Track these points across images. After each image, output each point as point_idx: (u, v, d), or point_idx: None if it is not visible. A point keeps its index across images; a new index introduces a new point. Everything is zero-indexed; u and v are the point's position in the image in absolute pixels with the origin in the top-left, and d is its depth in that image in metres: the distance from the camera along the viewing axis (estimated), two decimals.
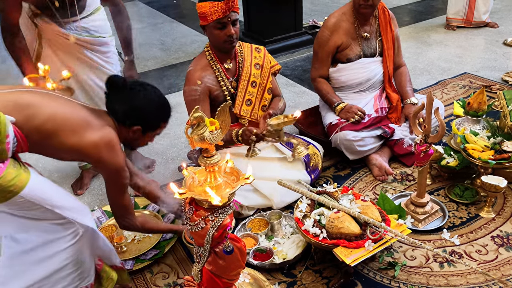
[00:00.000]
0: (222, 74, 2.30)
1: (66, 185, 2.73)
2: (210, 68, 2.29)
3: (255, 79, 2.38)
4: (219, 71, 2.29)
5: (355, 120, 2.55)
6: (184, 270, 2.05)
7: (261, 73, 2.41)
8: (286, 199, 2.31)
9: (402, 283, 1.89)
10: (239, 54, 2.36)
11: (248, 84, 2.36)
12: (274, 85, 2.51)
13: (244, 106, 2.37)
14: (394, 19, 2.73)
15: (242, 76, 2.34)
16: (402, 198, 2.33)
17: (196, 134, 1.34)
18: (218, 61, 2.30)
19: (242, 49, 2.39)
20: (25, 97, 1.52)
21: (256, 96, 2.40)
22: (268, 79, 2.44)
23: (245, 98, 2.36)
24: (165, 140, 3.15)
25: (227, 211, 1.37)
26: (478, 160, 2.20)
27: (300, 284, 1.92)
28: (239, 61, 2.35)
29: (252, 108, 2.39)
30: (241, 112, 2.36)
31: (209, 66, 2.29)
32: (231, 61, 2.33)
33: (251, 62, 2.37)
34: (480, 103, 2.42)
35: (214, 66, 2.29)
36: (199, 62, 2.30)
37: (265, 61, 2.43)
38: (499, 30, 4.78)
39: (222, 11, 2.10)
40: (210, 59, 2.29)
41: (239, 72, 2.34)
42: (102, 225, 2.25)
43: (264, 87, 2.43)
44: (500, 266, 1.93)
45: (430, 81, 3.75)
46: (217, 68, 2.29)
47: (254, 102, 2.39)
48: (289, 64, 4.39)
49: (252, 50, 2.41)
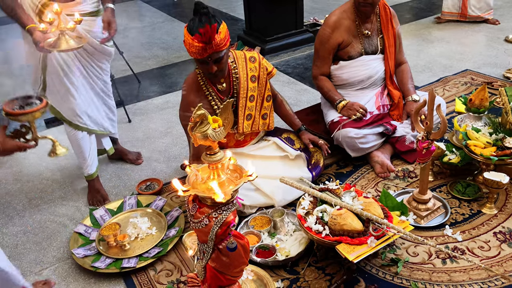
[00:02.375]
0: (215, 96, 2.24)
1: (70, 185, 2.74)
2: (202, 92, 2.23)
3: (252, 93, 2.31)
4: (211, 95, 2.23)
5: (357, 117, 2.56)
6: (188, 267, 2.06)
7: (258, 84, 2.33)
8: (288, 197, 2.31)
9: (404, 279, 1.89)
10: (233, 72, 2.26)
11: (246, 100, 2.30)
12: (271, 88, 2.45)
13: (245, 122, 2.33)
14: (395, 16, 2.73)
15: (240, 94, 2.27)
16: (404, 195, 2.34)
17: (199, 132, 1.35)
18: (210, 83, 2.23)
19: (237, 63, 2.27)
20: None
21: (255, 108, 2.35)
22: (266, 88, 2.36)
23: (245, 114, 2.32)
24: (167, 138, 3.16)
25: (230, 208, 1.38)
26: (480, 156, 2.20)
27: (303, 281, 1.93)
28: (233, 79, 2.26)
29: (252, 122, 2.36)
30: (243, 130, 2.33)
31: (201, 89, 2.23)
32: (225, 80, 2.25)
33: (247, 76, 2.28)
34: (481, 99, 2.42)
35: (206, 90, 2.23)
36: (192, 84, 2.23)
37: (261, 71, 2.32)
38: (501, 27, 4.78)
39: (199, 53, 1.99)
40: (202, 82, 2.23)
41: (233, 90, 2.27)
42: (105, 224, 2.26)
43: (262, 97, 2.37)
44: (502, 262, 1.94)
45: (431, 78, 3.75)
46: (210, 92, 2.23)
47: (254, 115, 2.35)
48: (290, 62, 4.39)
49: (247, 61, 2.30)
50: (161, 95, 3.87)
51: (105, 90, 2.56)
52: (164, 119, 3.44)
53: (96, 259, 2.09)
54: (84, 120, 2.43)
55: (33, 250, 2.26)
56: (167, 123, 3.39)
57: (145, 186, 2.61)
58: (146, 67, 4.55)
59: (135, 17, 6.56)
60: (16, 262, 2.19)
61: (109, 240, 2.15)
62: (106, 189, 2.62)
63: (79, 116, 2.40)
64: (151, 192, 2.55)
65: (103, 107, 2.57)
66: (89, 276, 2.07)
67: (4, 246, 2.30)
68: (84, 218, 2.40)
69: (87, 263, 2.07)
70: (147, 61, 4.70)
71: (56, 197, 2.65)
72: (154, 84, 4.13)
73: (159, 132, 3.27)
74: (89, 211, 2.40)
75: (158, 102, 3.75)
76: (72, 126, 2.42)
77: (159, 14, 6.52)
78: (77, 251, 2.13)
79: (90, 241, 2.21)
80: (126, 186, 2.69)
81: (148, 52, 4.97)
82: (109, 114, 2.63)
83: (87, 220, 2.34)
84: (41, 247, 2.28)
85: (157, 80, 4.21)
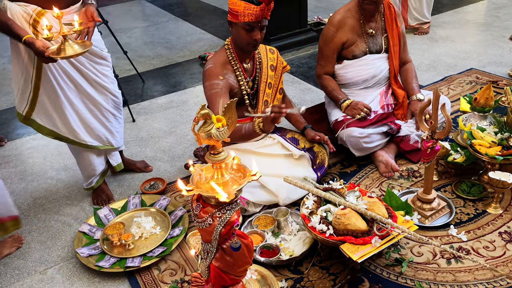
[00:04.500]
0: (241, 73, 2.31)
1: (74, 184, 2.75)
2: (230, 66, 2.30)
3: (271, 81, 2.42)
4: (238, 70, 2.30)
5: (361, 116, 2.55)
6: (192, 267, 2.06)
7: (275, 74, 2.45)
8: (293, 196, 2.31)
9: (409, 279, 1.89)
10: (257, 56, 2.39)
11: (266, 85, 2.40)
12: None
13: (263, 107, 2.40)
14: (399, 15, 2.72)
15: (262, 78, 2.37)
16: (408, 195, 2.33)
17: (203, 131, 1.35)
18: (238, 59, 2.31)
19: (259, 50, 2.41)
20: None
21: (271, 97, 2.44)
22: (280, 80, 2.49)
23: (263, 99, 2.40)
24: (171, 138, 3.17)
25: (234, 208, 1.38)
26: (485, 156, 2.19)
27: (307, 280, 1.93)
28: (257, 62, 2.38)
29: None
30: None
31: (229, 63, 2.30)
32: (250, 61, 2.35)
33: (267, 64, 2.41)
34: (487, 98, 2.41)
35: (234, 64, 2.30)
36: (219, 59, 2.30)
37: (278, 62, 2.47)
38: (506, 26, 4.75)
39: (255, 15, 2.11)
40: (231, 57, 2.30)
41: (256, 73, 2.37)
42: (110, 223, 2.27)
43: (277, 87, 2.48)
44: (508, 262, 1.92)
45: (436, 77, 3.73)
46: (237, 67, 2.30)
47: (269, 102, 2.44)
48: (294, 61, 4.39)
49: (267, 51, 2.44)
50: (165, 94, 3.88)
51: (114, 100, 2.44)
52: (168, 119, 3.45)
53: (100, 259, 2.10)
54: (82, 135, 2.33)
55: (38, 249, 2.27)
56: (171, 122, 3.39)
57: (149, 186, 2.62)
58: (150, 66, 4.56)
59: (139, 16, 6.58)
60: (21, 261, 2.20)
61: (113, 240, 2.15)
62: (110, 188, 2.63)
63: (76, 131, 2.31)
64: (155, 192, 2.55)
65: (110, 119, 2.46)
66: (93, 275, 2.08)
67: None
68: (88, 217, 2.41)
69: (91, 262, 2.07)
70: (151, 61, 4.71)
71: (60, 196, 2.66)
72: (158, 83, 4.14)
73: (163, 131, 3.27)
74: (94, 210, 2.40)
75: (162, 101, 3.76)
76: (69, 143, 2.35)
77: (163, 13, 6.53)
78: (82, 251, 2.13)
79: (95, 240, 2.22)
80: (130, 185, 2.70)
81: (152, 52, 4.98)
82: (115, 127, 2.51)
83: (92, 219, 2.35)
84: (46, 246, 2.28)
85: (161, 80, 4.22)
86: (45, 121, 2.29)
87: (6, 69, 4.71)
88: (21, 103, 2.24)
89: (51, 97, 2.22)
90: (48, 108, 2.25)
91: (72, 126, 2.29)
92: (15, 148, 3.21)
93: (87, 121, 2.34)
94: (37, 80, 2.15)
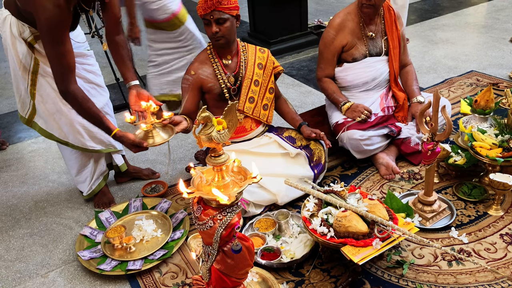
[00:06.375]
0: (220, 68, 2.37)
1: (75, 187, 2.75)
2: (208, 62, 2.38)
3: (257, 78, 2.44)
4: (217, 65, 2.37)
5: (361, 119, 2.55)
6: (193, 269, 2.06)
7: (264, 72, 2.47)
8: (291, 194, 2.32)
9: (410, 281, 1.89)
10: (242, 54, 2.43)
11: (251, 82, 2.43)
12: (276, 86, 2.56)
13: (247, 103, 2.43)
14: (399, 18, 2.73)
15: (246, 75, 2.41)
16: (409, 197, 2.33)
17: (204, 134, 1.35)
18: (217, 56, 2.38)
19: (246, 49, 2.46)
20: None
21: (259, 94, 2.46)
22: (270, 79, 2.50)
23: (248, 95, 2.43)
24: (172, 141, 3.17)
25: (235, 210, 1.38)
26: (486, 158, 2.19)
27: (308, 283, 1.93)
28: (241, 60, 2.42)
29: (254, 106, 2.45)
30: (244, 109, 2.42)
31: (208, 60, 2.38)
32: (232, 58, 2.40)
33: (254, 62, 2.44)
34: (487, 100, 2.41)
35: (212, 60, 2.38)
36: (199, 56, 2.43)
37: (268, 61, 2.49)
38: (506, 28, 4.76)
39: (203, 8, 2.19)
40: (210, 53, 2.39)
41: (239, 70, 2.41)
42: (111, 226, 2.27)
43: (266, 86, 2.49)
44: (509, 264, 1.92)
45: (436, 79, 3.74)
46: (215, 62, 2.37)
47: (256, 100, 2.45)
48: (295, 64, 4.39)
49: (256, 51, 2.48)
50: None
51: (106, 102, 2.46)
52: None
53: (101, 262, 2.10)
54: (85, 141, 2.33)
55: (39, 253, 2.27)
56: None
57: (150, 189, 2.62)
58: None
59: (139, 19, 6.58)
60: (23, 265, 2.20)
61: (115, 243, 2.16)
62: (111, 191, 2.63)
63: (79, 137, 2.31)
64: (156, 195, 2.56)
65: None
66: (94, 278, 2.08)
67: (11, 249, 2.31)
68: (89, 220, 2.41)
69: (92, 265, 2.08)
70: None
71: (62, 199, 2.67)
72: None
73: None
74: (95, 213, 2.41)
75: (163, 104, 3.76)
76: (69, 146, 2.35)
77: None
78: (83, 254, 2.14)
79: (96, 243, 2.22)
80: (131, 188, 2.70)
81: None
82: None
83: (93, 222, 2.35)
84: (47, 250, 2.29)
85: None
86: (46, 126, 2.31)
87: (8, 73, 4.72)
88: (23, 108, 2.30)
89: (47, 103, 2.23)
90: (48, 114, 2.27)
91: (76, 131, 2.30)
92: (16, 152, 3.21)
93: (87, 125, 2.34)
94: (33, 89, 2.19)
